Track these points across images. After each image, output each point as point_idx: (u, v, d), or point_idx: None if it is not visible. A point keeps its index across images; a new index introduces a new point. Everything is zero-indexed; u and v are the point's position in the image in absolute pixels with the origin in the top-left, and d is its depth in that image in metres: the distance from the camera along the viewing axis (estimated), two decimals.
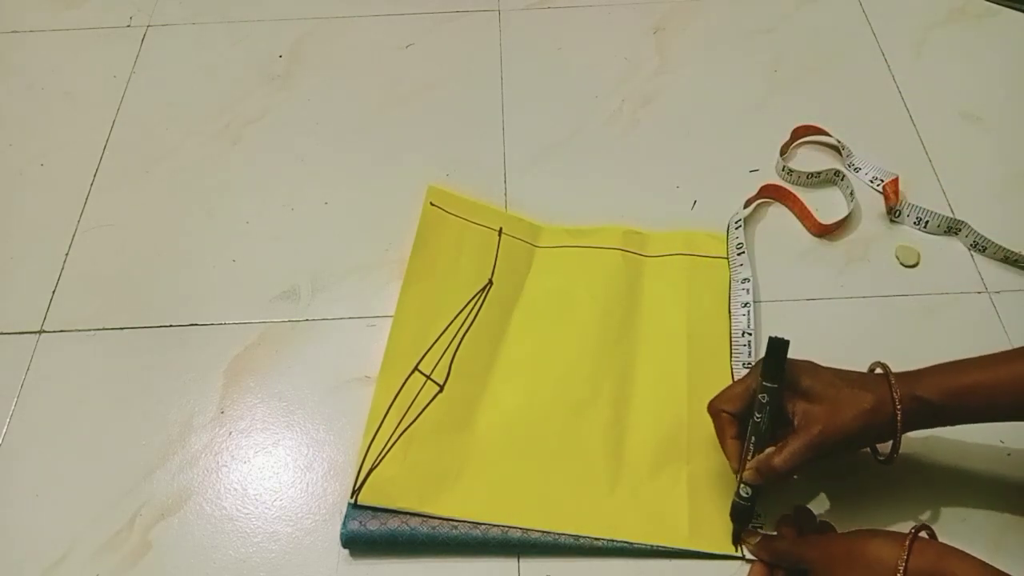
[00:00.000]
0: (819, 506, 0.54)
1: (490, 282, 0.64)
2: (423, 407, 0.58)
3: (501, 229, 0.67)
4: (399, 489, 0.54)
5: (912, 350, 0.61)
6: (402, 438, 0.56)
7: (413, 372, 0.59)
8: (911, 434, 0.57)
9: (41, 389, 0.61)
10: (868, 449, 0.53)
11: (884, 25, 0.84)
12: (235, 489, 0.56)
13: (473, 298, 0.63)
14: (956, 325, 0.62)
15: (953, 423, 0.50)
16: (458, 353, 0.60)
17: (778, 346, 0.50)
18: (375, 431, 0.56)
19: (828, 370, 0.51)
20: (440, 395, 0.58)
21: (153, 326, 0.64)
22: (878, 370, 0.51)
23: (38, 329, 0.64)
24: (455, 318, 0.62)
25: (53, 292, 0.66)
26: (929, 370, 0.50)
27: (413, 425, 0.57)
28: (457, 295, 0.63)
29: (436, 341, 0.61)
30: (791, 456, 0.48)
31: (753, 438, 0.50)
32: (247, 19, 0.86)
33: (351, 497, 0.53)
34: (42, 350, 0.63)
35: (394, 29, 0.85)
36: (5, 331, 0.64)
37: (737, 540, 0.53)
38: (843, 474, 0.56)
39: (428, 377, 0.59)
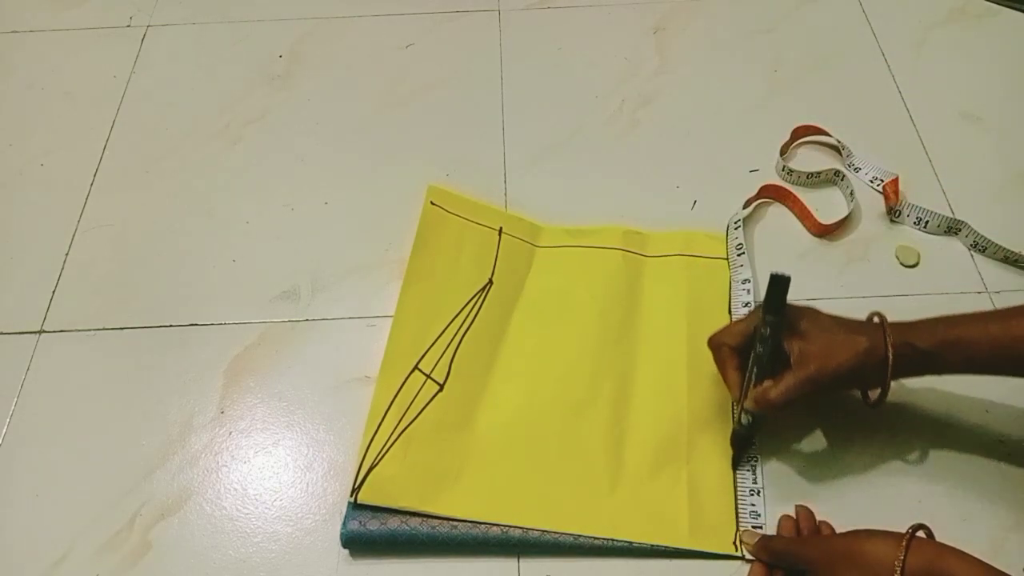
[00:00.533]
0: (823, 502, 0.54)
1: (490, 281, 0.64)
2: (423, 406, 0.58)
3: (501, 229, 0.67)
4: (399, 488, 0.54)
5: None
6: (402, 437, 0.56)
7: (413, 371, 0.59)
8: (910, 433, 0.57)
9: (41, 389, 0.61)
10: (860, 396, 0.55)
11: (884, 25, 0.84)
12: (235, 489, 0.56)
13: (473, 297, 0.63)
14: None
15: (941, 372, 0.52)
16: (458, 352, 0.60)
17: (779, 281, 0.52)
18: (375, 430, 0.56)
19: (827, 315, 0.53)
20: (440, 394, 0.58)
21: (153, 326, 0.64)
22: (875, 319, 0.53)
23: (38, 329, 0.64)
24: (455, 317, 0.62)
25: (53, 292, 0.66)
26: (923, 321, 0.52)
27: (413, 424, 0.57)
28: (457, 294, 0.63)
29: (436, 340, 0.61)
30: (786, 390, 0.51)
31: (755, 369, 0.53)
32: (247, 19, 0.86)
33: (351, 496, 0.54)
34: (42, 350, 0.63)
35: (394, 29, 0.85)
36: (5, 331, 0.64)
37: (736, 465, 0.56)
38: (844, 467, 0.56)
39: (428, 376, 0.59)
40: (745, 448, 0.56)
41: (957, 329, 0.51)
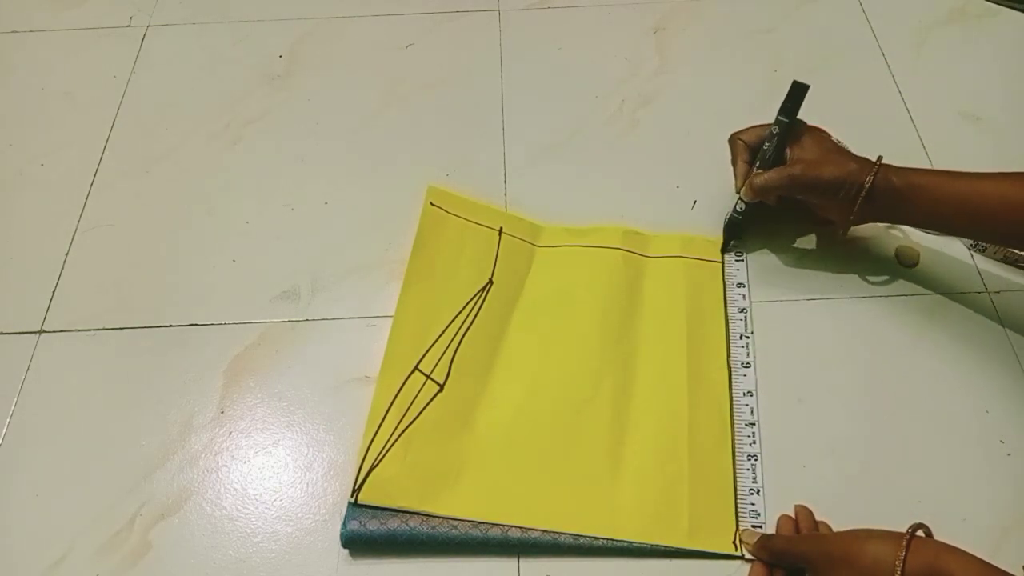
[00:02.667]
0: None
1: (490, 281, 0.64)
2: (423, 407, 0.58)
3: (501, 229, 0.67)
4: (399, 489, 0.54)
5: (912, 350, 0.61)
6: (402, 438, 0.56)
7: (413, 372, 0.59)
8: (910, 433, 0.57)
9: (41, 389, 0.61)
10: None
11: (884, 25, 0.84)
12: (235, 489, 0.56)
13: (473, 297, 0.63)
14: (956, 325, 0.62)
15: (908, 218, 0.60)
16: (458, 352, 0.60)
17: (799, 89, 0.62)
18: (375, 431, 0.56)
19: (833, 139, 0.62)
20: (440, 394, 0.58)
21: (153, 326, 0.64)
22: (879, 161, 0.59)
23: (38, 329, 0.64)
24: (455, 317, 0.62)
25: (53, 292, 0.66)
26: (911, 168, 0.58)
27: (413, 425, 0.57)
28: (457, 295, 0.63)
29: (436, 341, 0.61)
30: (769, 179, 0.61)
31: (758, 163, 0.62)
32: (247, 19, 0.86)
33: (351, 496, 0.54)
34: (42, 350, 0.63)
35: (394, 29, 0.85)
36: (5, 331, 0.64)
37: (725, 250, 0.66)
38: (844, 466, 0.56)
39: (428, 377, 0.59)
40: (735, 235, 0.65)
41: (929, 177, 0.57)
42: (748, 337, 0.62)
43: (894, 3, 0.86)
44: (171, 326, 0.64)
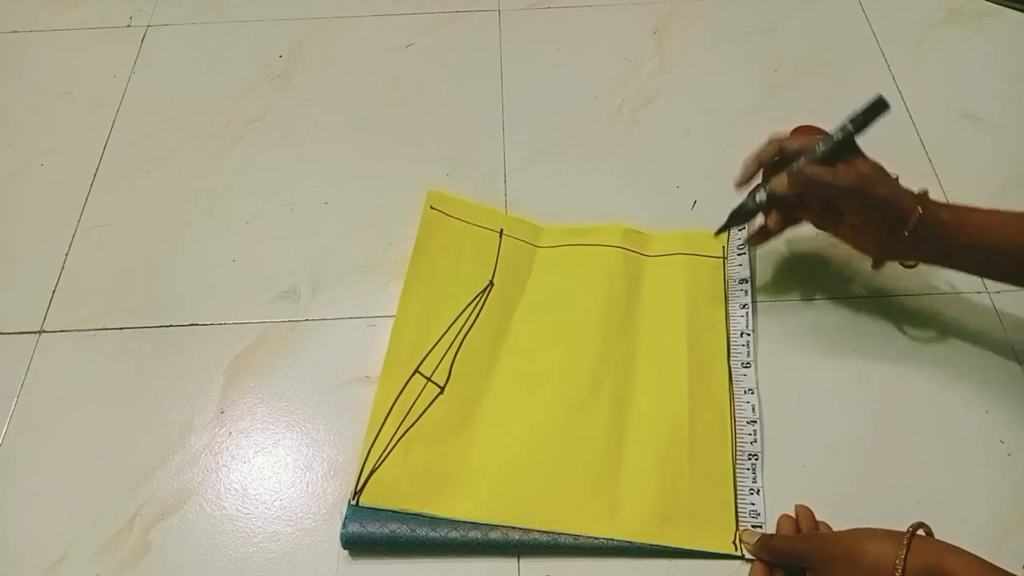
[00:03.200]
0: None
1: (491, 283, 0.64)
2: (424, 409, 0.58)
3: (502, 230, 0.67)
4: (400, 492, 0.54)
5: (913, 350, 0.61)
6: (403, 440, 0.56)
7: (414, 374, 0.59)
8: (910, 433, 0.57)
9: (41, 389, 0.61)
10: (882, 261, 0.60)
11: (884, 25, 0.84)
12: (235, 489, 0.56)
13: (474, 299, 0.63)
14: (956, 325, 0.62)
15: (949, 260, 0.56)
16: (459, 355, 0.60)
17: (879, 104, 0.57)
18: (376, 434, 0.56)
19: (884, 168, 0.57)
20: (441, 397, 0.58)
21: (153, 326, 0.64)
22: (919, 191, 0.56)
23: (38, 329, 0.64)
24: (456, 320, 0.62)
25: (53, 292, 0.66)
26: (961, 205, 0.56)
27: (414, 427, 0.57)
28: (458, 297, 0.63)
29: (437, 343, 0.61)
30: (822, 173, 0.55)
31: (802, 158, 0.57)
32: (247, 19, 0.86)
33: (352, 499, 0.54)
34: (42, 350, 0.63)
35: (394, 29, 0.85)
36: (5, 331, 0.64)
37: (718, 232, 0.62)
38: (844, 467, 0.56)
39: (429, 379, 0.59)
40: (738, 223, 0.61)
41: (978, 215, 0.54)
42: (749, 335, 0.61)
43: (894, 3, 0.86)
44: (171, 326, 0.64)
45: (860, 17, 0.85)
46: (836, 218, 0.58)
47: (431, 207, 0.68)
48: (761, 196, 0.59)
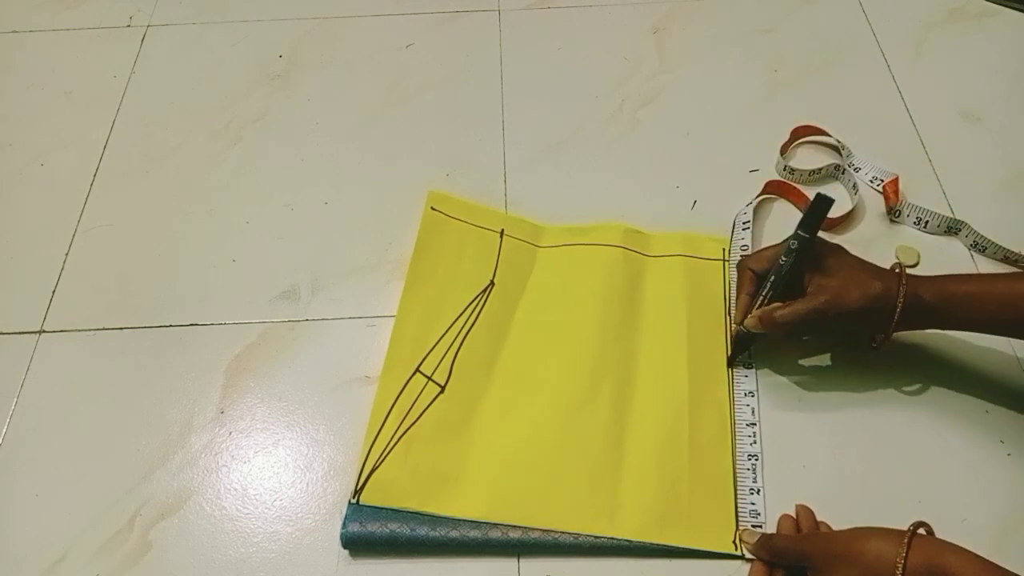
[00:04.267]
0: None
1: (492, 283, 0.64)
2: (424, 408, 0.58)
3: (503, 231, 0.67)
4: (400, 490, 0.54)
5: (913, 350, 0.61)
6: (403, 439, 0.56)
7: (415, 373, 0.59)
8: (910, 433, 0.57)
9: (41, 389, 0.61)
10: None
11: (884, 25, 0.84)
12: (235, 489, 0.56)
13: (475, 299, 0.63)
14: None
15: (945, 326, 0.56)
16: (459, 354, 0.60)
17: (822, 201, 0.58)
18: (376, 432, 0.57)
19: (852, 256, 0.57)
20: (441, 396, 0.59)
21: (153, 326, 0.64)
22: (896, 269, 0.55)
23: (38, 329, 0.64)
24: (457, 319, 0.62)
25: (53, 292, 0.66)
26: (936, 276, 0.55)
27: (414, 426, 0.57)
28: (459, 296, 0.63)
29: (438, 342, 0.61)
30: (792, 313, 0.55)
31: (772, 278, 0.57)
32: (247, 19, 0.86)
33: (352, 498, 0.54)
34: (42, 350, 0.63)
35: (394, 29, 0.85)
36: (5, 331, 0.64)
37: (732, 364, 0.60)
38: (844, 466, 0.56)
39: (429, 378, 0.59)
40: (746, 348, 0.60)
41: (964, 285, 0.54)
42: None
43: (894, 3, 0.86)
44: (171, 326, 0.64)
45: (860, 17, 0.85)
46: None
47: (432, 208, 0.68)
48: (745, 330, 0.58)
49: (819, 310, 0.54)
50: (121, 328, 0.64)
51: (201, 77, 0.81)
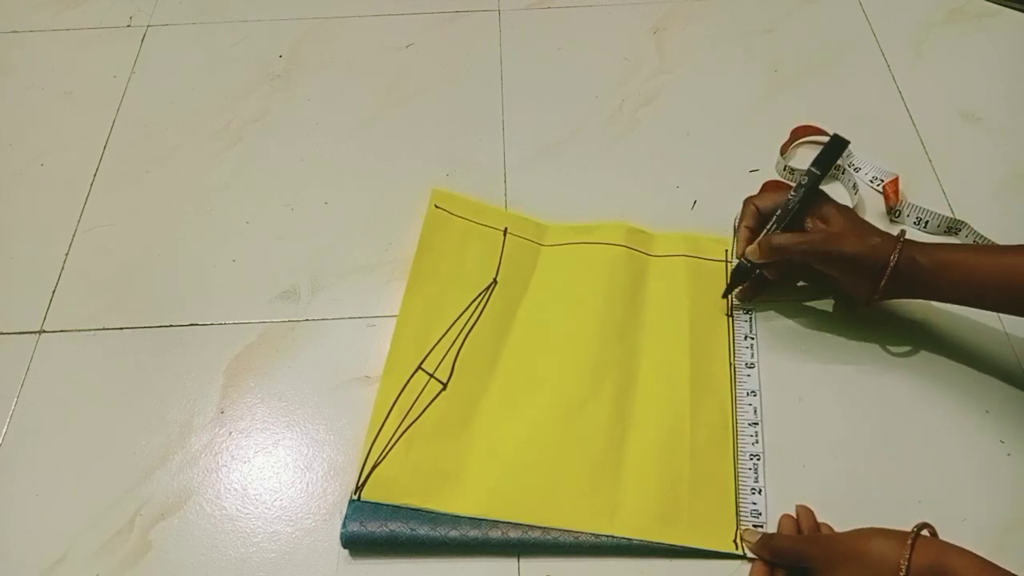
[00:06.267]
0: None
1: (495, 281, 0.64)
2: (426, 405, 0.58)
3: (506, 229, 0.67)
4: (401, 487, 0.54)
5: (913, 350, 0.61)
6: (405, 436, 0.56)
7: (417, 371, 0.59)
8: (910, 433, 0.57)
9: (41, 389, 0.61)
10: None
11: (884, 25, 0.84)
12: (235, 489, 0.56)
13: (477, 297, 0.63)
14: (956, 325, 0.62)
15: (932, 295, 0.57)
16: (462, 351, 0.60)
17: (838, 142, 0.61)
18: (378, 430, 0.57)
19: (856, 214, 0.59)
20: (443, 393, 0.59)
21: (153, 326, 0.64)
22: (897, 233, 0.56)
23: (38, 329, 0.64)
24: (459, 317, 0.62)
25: (53, 292, 0.66)
26: (936, 244, 0.56)
27: (416, 423, 0.57)
28: (461, 294, 0.63)
29: (440, 340, 0.61)
30: (790, 239, 0.57)
31: (779, 211, 0.59)
32: (247, 19, 0.86)
33: (353, 494, 0.54)
34: (42, 350, 0.63)
35: (394, 29, 0.85)
36: (5, 331, 0.64)
37: (727, 294, 0.63)
38: (844, 467, 0.56)
39: (431, 376, 0.59)
40: (743, 281, 0.61)
41: (957, 253, 0.55)
42: (753, 339, 0.62)
43: (894, 3, 0.86)
44: (171, 326, 0.64)
45: (860, 17, 0.85)
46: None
47: (436, 206, 0.68)
48: (745, 263, 0.60)
49: (815, 243, 0.56)
50: (121, 328, 0.64)
51: (201, 77, 0.81)
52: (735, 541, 0.53)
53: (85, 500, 0.56)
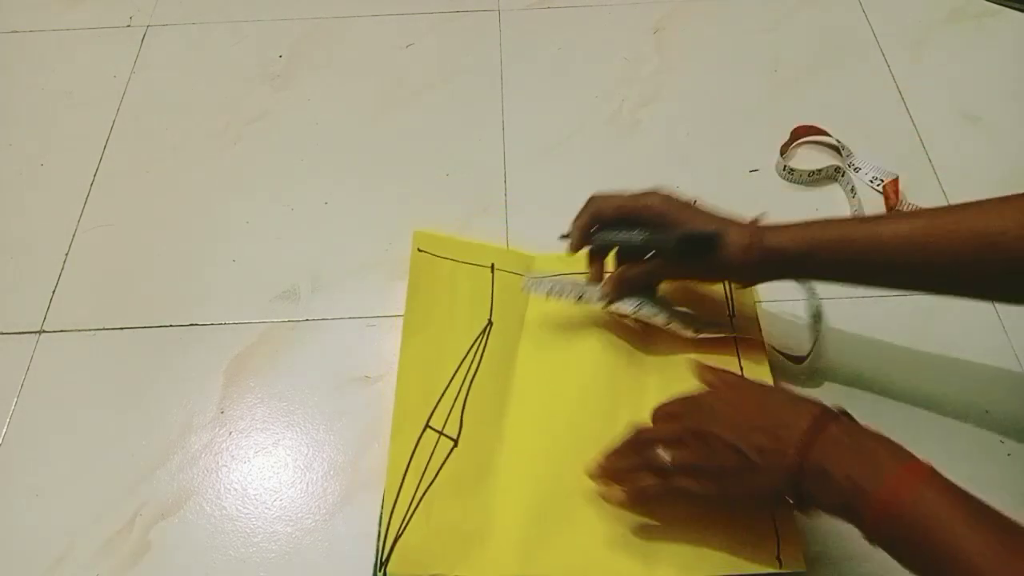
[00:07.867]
0: None
1: (489, 322, 0.62)
2: (440, 465, 0.55)
3: (493, 265, 0.65)
4: (428, 555, 0.51)
5: (913, 350, 0.61)
6: (423, 501, 0.53)
7: (425, 430, 0.56)
8: (910, 433, 0.56)
9: (41, 389, 0.61)
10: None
11: (884, 25, 0.84)
12: (235, 489, 0.56)
13: (475, 341, 0.61)
14: (956, 325, 0.62)
15: (806, 275, 0.55)
16: (468, 403, 0.58)
17: (710, 239, 0.54)
18: (395, 497, 0.53)
19: (706, 211, 0.56)
20: (456, 450, 0.56)
21: (153, 326, 0.64)
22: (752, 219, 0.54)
23: (38, 329, 0.64)
24: (460, 366, 0.60)
25: (53, 292, 0.66)
26: (797, 224, 0.52)
27: (432, 486, 0.54)
28: (458, 341, 0.61)
29: (444, 394, 0.58)
30: (640, 271, 0.56)
31: (619, 247, 0.58)
32: (247, 19, 0.86)
33: (379, 571, 0.51)
34: (42, 350, 0.63)
35: (394, 29, 0.85)
36: (5, 331, 0.64)
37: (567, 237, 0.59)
38: None
39: (441, 433, 0.57)
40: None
41: (823, 231, 0.51)
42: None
43: (894, 3, 0.86)
44: (171, 326, 0.64)
45: (860, 17, 0.85)
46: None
47: (419, 249, 0.65)
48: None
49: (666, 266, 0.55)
50: (121, 328, 0.64)
51: (201, 77, 0.81)
52: (778, 557, 0.50)
53: (85, 500, 0.56)
